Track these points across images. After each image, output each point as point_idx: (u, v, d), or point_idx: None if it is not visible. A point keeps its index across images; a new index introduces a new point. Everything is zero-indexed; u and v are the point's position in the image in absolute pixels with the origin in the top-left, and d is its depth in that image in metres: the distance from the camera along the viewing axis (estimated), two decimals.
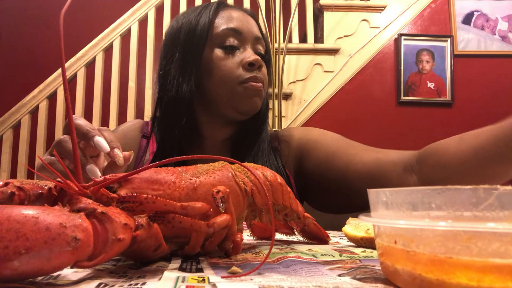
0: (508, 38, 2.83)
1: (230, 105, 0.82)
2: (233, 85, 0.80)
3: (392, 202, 0.29)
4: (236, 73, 0.80)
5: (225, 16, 0.84)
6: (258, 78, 0.81)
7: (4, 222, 0.24)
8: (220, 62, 0.81)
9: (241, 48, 0.83)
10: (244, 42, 0.83)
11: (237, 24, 0.83)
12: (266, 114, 0.91)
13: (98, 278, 0.30)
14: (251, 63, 0.80)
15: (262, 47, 0.86)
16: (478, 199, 0.25)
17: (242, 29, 0.83)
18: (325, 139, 0.86)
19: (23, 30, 3.12)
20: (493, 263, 0.22)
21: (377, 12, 2.74)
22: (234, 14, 0.85)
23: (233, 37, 0.82)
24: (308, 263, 0.38)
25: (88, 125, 0.51)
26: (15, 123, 2.52)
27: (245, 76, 0.80)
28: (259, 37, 0.85)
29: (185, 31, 0.84)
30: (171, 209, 0.34)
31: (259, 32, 0.87)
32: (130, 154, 0.52)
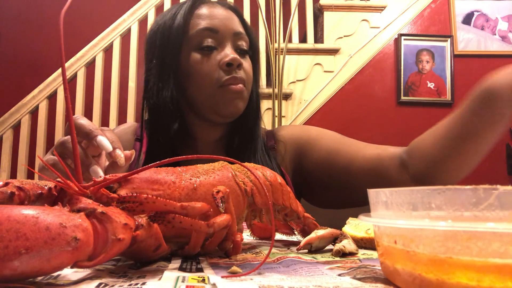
0: (508, 38, 2.83)
1: (211, 109, 0.80)
2: (212, 89, 0.78)
3: (392, 202, 0.29)
4: (215, 76, 0.78)
5: (200, 15, 0.80)
6: (237, 79, 0.78)
7: (4, 222, 0.24)
8: (198, 65, 0.78)
9: (219, 47, 0.79)
10: (222, 40, 0.79)
11: (213, 22, 0.79)
12: (258, 112, 0.88)
13: (98, 278, 0.30)
14: (229, 63, 0.77)
15: (244, 42, 0.82)
16: (478, 199, 0.25)
17: (218, 27, 0.79)
18: (325, 137, 0.85)
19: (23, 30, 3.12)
20: (493, 263, 0.22)
21: (377, 12, 2.74)
22: (209, 11, 0.81)
23: (209, 37, 0.79)
24: (308, 263, 0.38)
25: (90, 124, 0.51)
26: (15, 123, 2.52)
27: (223, 78, 0.77)
28: (240, 32, 0.82)
29: (161, 35, 0.82)
30: (171, 209, 0.34)
31: (240, 26, 0.83)
32: (131, 154, 0.52)
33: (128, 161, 0.51)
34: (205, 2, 0.83)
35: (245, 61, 0.81)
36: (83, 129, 0.50)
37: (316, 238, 0.46)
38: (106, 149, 0.49)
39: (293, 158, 0.88)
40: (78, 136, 0.51)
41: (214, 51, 0.79)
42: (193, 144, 0.87)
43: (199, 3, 0.83)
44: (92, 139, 0.49)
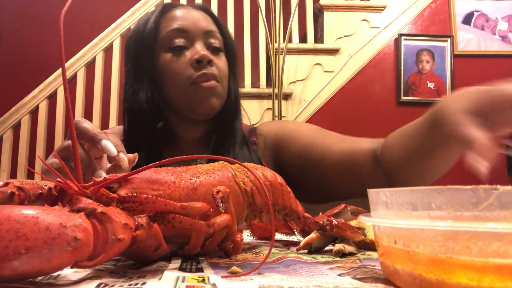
0: (508, 38, 2.83)
1: (186, 107, 0.82)
2: (185, 87, 0.79)
3: (392, 202, 0.29)
4: (186, 74, 0.79)
5: (170, 17, 0.83)
6: (208, 75, 0.79)
7: (4, 222, 0.24)
8: (170, 65, 0.80)
9: (190, 46, 0.81)
10: (192, 39, 0.81)
11: (182, 23, 0.81)
12: (237, 109, 0.89)
13: (98, 278, 0.30)
14: (198, 60, 0.78)
15: (216, 40, 0.84)
16: (478, 199, 0.25)
17: (187, 27, 0.81)
18: (301, 131, 0.86)
19: (23, 30, 3.12)
20: (493, 263, 0.22)
21: (377, 12, 2.74)
22: (179, 13, 0.83)
23: (179, 37, 0.80)
24: (308, 263, 0.38)
25: (94, 128, 0.51)
26: (15, 123, 2.51)
27: (194, 75, 0.78)
28: (211, 30, 0.83)
29: (134, 40, 0.85)
30: (171, 209, 0.34)
31: (212, 25, 0.84)
32: (134, 157, 0.53)
33: (131, 164, 0.52)
34: (176, 6, 0.86)
35: (218, 58, 0.83)
36: (88, 133, 0.51)
37: (316, 238, 0.46)
38: (110, 153, 0.50)
39: (272, 153, 0.89)
40: (82, 140, 0.51)
41: (185, 51, 0.81)
42: (176, 143, 0.88)
43: (170, 7, 0.85)
44: (97, 143, 0.50)
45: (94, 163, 0.51)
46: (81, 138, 0.51)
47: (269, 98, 2.49)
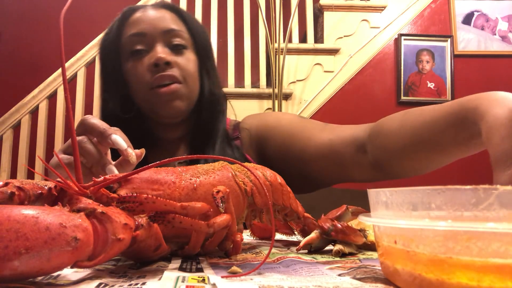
0: (508, 38, 2.83)
1: (152, 112, 0.81)
2: (145, 92, 0.79)
3: (392, 202, 0.29)
4: (146, 79, 0.78)
5: (130, 22, 0.82)
6: (165, 77, 0.77)
7: (4, 222, 0.24)
8: (132, 71, 0.80)
9: (149, 50, 0.79)
10: (152, 42, 0.79)
11: (139, 27, 0.80)
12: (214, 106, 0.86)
13: (98, 278, 0.30)
14: (155, 63, 0.77)
15: (178, 38, 0.81)
16: (478, 199, 0.25)
17: (144, 30, 0.79)
18: (281, 123, 0.85)
19: (23, 30, 3.12)
20: (493, 263, 0.22)
21: (377, 12, 2.74)
22: (138, 17, 0.82)
23: (138, 41, 0.79)
24: (308, 263, 0.38)
25: (103, 123, 0.53)
26: (15, 123, 2.51)
27: (153, 80, 0.77)
28: (170, 29, 0.80)
29: (101, 49, 0.86)
30: (171, 209, 0.34)
31: (173, 22, 0.82)
32: (142, 152, 0.54)
33: (139, 159, 0.53)
34: (136, 9, 0.84)
35: (180, 57, 0.80)
36: (97, 128, 0.52)
37: (316, 238, 0.46)
38: (121, 147, 0.51)
39: (256, 147, 0.88)
40: (92, 135, 0.53)
41: (145, 55, 0.79)
42: (159, 144, 0.87)
43: (130, 12, 0.83)
44: (107, 137, 0.51)
45: (104, 158, 0.52)
46: (91, 134, 0.53)
47: (269, 98, 2.49)
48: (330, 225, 0.44)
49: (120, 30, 0.82)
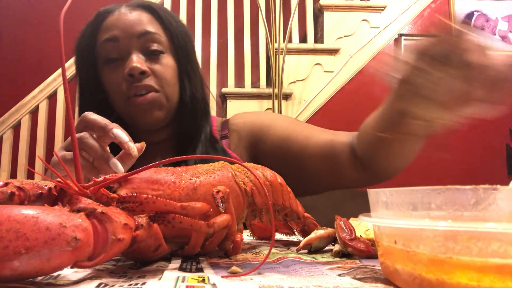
0: (508, 38, 2.83)
1: (131, 120, 0.79)
2: (122, 102, 0.76)
3: (392, 202, 0.29)
4: (122, 88, 0.75)
5: (104, 27, 0.78)
6: (140, 87, 0.74)
7: (4, 222, 0.24)
8: (108, 80, 0.77)
9: (125, 56, 0.76)
10: (126, 47, 0.76)
11: (112, 32, 0.76)
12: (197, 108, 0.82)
13: (98, 278, 0.30)
14: (129, 74, 0.73)
15: (154, 42, 0.77)
16: (478, 199, 0.25)
17: (118, 35, 0.76)
18: (278, 123, 0.84)
19: (23, 30, 3.12)
20: (493, 263, 0.22)
21: (377, 12, 2.73)
22: (110, 20, 0.78)
23: (112, 48, 0.76)
24: (308, 263, 0.38)
25: (104, 119, 0.53)
26: (15, 123, 2.51)
27: (128, 90, 0.75)
28: (145, 32, 0.76)
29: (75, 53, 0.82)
30: (171, 209, 0.34)
31: (148, 24, 0.77)
32: (142, 146, 0.54)
33: (139, 153, 0.53)
34: (110, 11, 0.79)
35: (157, 64, 0.77)
36: (98, 124, 0.52)
37: (316, 238, 0.46)
38: (123, 140, 0.51)
39: (248, 146, 0.86)
40: (93, 130, 0.53)
41: (120, 62, 0.76)
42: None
43: (104, 15, 0.79)
44: (109, 131, 0.52)
45: (107, 152, 0.52)
46: (92, 129, 0.53)
47: (269, 98, 2.48)
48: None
49: (94, 34, 0.78)
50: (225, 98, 2.54)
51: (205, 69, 2.55)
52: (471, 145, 2.64)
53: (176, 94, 0.80)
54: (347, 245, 0.43)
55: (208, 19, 2.61)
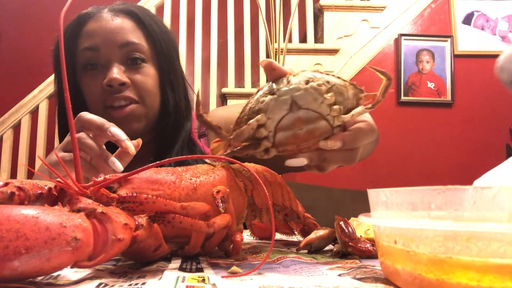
0: (508, 38, 2.83)
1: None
2: (99, 111, 0.74)
3: (392, 202, 0.29)
4: (100, 97, 0.74)
5: (84, 32, 0.75)
6: (119, 98, 0.72)
7: (4, 222, 0.24)
8: (85, 87, 0.76)
9: (105, 65, 0.74)
10: (106, 57, 0.74)
11: (93, 41, 0.74)
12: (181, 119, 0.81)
13: (98, 278, 0.30)
14: (108, 84, 0.72)
15: (136, 51, 0.75)
16: (478, 199, 0.25)
17: (99, 44, 0.73)
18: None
19: (23, 30, 3.12)
20: (493, 263, 0.22)
21: (377, 12, 2.73)
22: (92, 26, 0.75)
23: (91, 56, 0.74)
24: (308, 263, 0.38)
25: (100, 118, 0.53)
26: (15, 123, 2.51)
27: (106, 100, 0.73)
28: (128, 42, 0.74)
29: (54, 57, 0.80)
30: (171, 209, 0.34)
31: (130, 33, 0.75)
32: (138, 143, 0.54)
33: (136, 150, 0.53)
34: (91, 16, 0.77)
35: (137, 74, 0.75)
36: (94, 123, 0.53)
37: (316, 239, 0.46)
38: (120, 138, 0.52)
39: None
40: (90, 130, 0.53)
41: (100, 71, 0.74)
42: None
43: (84, 19, 0.76)
44: (106, 130, 0.52)
45: (105, 151, 0.52)
46: (89, 129, 0.53)
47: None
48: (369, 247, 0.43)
49: (74, 40, 0.75)
50: (225, 98, 2.54)
51: (205, 69, 2.55)
52: (471, 145, 2.64)
53: (157, 104, 0.78)
54: (347, 245, 0.43)
55: (208, 19, 2.61)
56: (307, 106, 0.37)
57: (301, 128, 0.37)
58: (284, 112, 0.37)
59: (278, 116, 0.38)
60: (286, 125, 0.37)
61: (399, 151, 2.57)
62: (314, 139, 0.38)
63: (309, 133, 0.38)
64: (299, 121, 0.37)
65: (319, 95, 0.37)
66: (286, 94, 0.37)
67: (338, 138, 0.39)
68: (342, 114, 0.39)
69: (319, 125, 0.37)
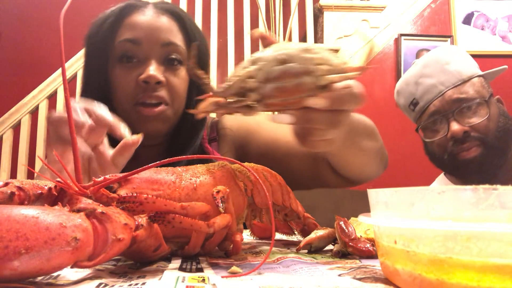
0: (508, 38, 2.83)
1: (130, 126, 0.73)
2: (128, 105, 0.73)
3: (392, 202, 0.29)
4: (131, 92, 0.72)
5: (127, 24, 0.74)
6: (152, 97, 0.71)
7: (4, 222, 0.24)
8: (117, 79, 0.73)
9: (143, 60, 0.72)
10: (146, 52, 0.72)
11: (136, 33, 0.72)
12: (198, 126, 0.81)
13: (98, 278, 0.30)
14: (145, 81, 0.70)
15: (175, 53, 0.75)
16: (478, 199, 0.25)
17: (141, 38, 0.72)
18: (264, 127, 0.82)
19: (23, 30, 3.12)
20: (493, 263, 0.22)
21: (377, 12, 2.73)
22: (136, 19, 0.74)
23: (131, 49, 0.72)
24: (308, 263, 0.38)
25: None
26: (15, 123, 2.51)
27: (139, 95, 0.71)
28: (170, 42, 0.74)
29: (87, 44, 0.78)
30: (171, 209, 0.34)
31: (173, 34, 0.75)
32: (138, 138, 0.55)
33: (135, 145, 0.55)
34: (137, 7, 0.76)
35: (173, 76, 0.74)
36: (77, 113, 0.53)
37: (316, 239, 0.46)
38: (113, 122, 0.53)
39: (235, 148, 0.85)
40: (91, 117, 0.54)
41: (136, 65, 0.73)
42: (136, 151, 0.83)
43: (128, 10, 0.75)
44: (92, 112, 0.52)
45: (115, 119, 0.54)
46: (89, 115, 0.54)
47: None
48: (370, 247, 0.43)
49: (114, 29, 0.74)
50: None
51: None
52: None
53: (182, 109, 0.78)
54: (347, 245, 0.43)
55: (208, 19, 2.61)
56: (296, 61, 0.39)
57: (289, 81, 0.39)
58: (274, 64, 0.39)
59: (268, 67, 0.40)
60: (274, 76, 0.39)
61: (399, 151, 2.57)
62: (300, 93, 0.40)
63: (296, 87, 0.39)
64: (288, 73, 0.39)
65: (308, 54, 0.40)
66: (280, 50, 0.40)
67: (323, 96, 0.40)
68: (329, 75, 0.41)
69: (306, 80, 0.39)
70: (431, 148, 1.08)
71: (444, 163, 1.07)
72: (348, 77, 0.41)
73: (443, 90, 1.01)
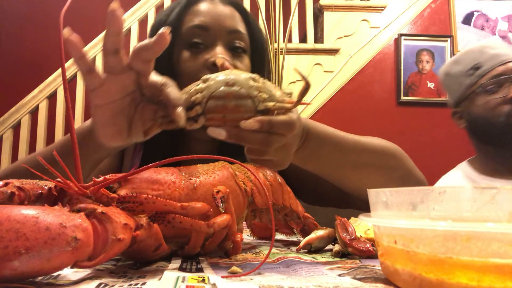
0: (508, 38, 2.83)
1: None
2: None
3: (392, 202, 0.29)
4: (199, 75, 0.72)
5: (194, 11, 0.76)
6: None
7: (4, 222, 0.24)
8: (185, 64, 0.74)
9: (209, 46, 0.74)
10: (214, 38, 0.74)
11: (204, 20, 0.75)
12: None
13: (98, 278, 0.30)
14: (215, 63, 0.71)
15: (240, 40, 0.77)
16: (478, 199, 0.25)
17: (209, 24, 0.74)
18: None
19: (23, 30, 3.12)
20: (493, 263, 0.22)
21: (377, 12, 2.73)
22: (203, 7, 0.77)
23: (199, 34, 0.74)
24: (308, 263, 0.38)
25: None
26: (15, 123, 2.51)
27: None
28: (236, 30, 0.76)
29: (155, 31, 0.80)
30: (171, 209, 0.34)
31: (239, 24, 0.78)
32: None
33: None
34: None
35: (239, 62, 0.77)
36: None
37: (316, 238, 0.46)
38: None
39: None
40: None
41: (204, 50, 0.75)
42: (190, 144, 0.84)
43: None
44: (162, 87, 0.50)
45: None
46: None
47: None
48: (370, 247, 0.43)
49: (181, 16, 0.76)
50: None
51: None
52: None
53: None
54: (347, 245, 0.43)
55: None
56: (240, 85, 0.46)
57: (230, 101, 0.45)
58: (221, 85, 0.46)
59: (215, 87, 0.46)
60: (219, 95, 0.45)
61: None
62: (239, 114, 0.45)
63: (236, 107, 0.45)
64: (231, 95, 0.45)
65: (252, 81, 0.47)
66: (230, 74, 0.47)
67: (257, 120, 0.45)
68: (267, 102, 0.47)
69: (246, 103, 0.45)
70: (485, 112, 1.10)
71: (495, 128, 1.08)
72: (284, 107, 0.47)
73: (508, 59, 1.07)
